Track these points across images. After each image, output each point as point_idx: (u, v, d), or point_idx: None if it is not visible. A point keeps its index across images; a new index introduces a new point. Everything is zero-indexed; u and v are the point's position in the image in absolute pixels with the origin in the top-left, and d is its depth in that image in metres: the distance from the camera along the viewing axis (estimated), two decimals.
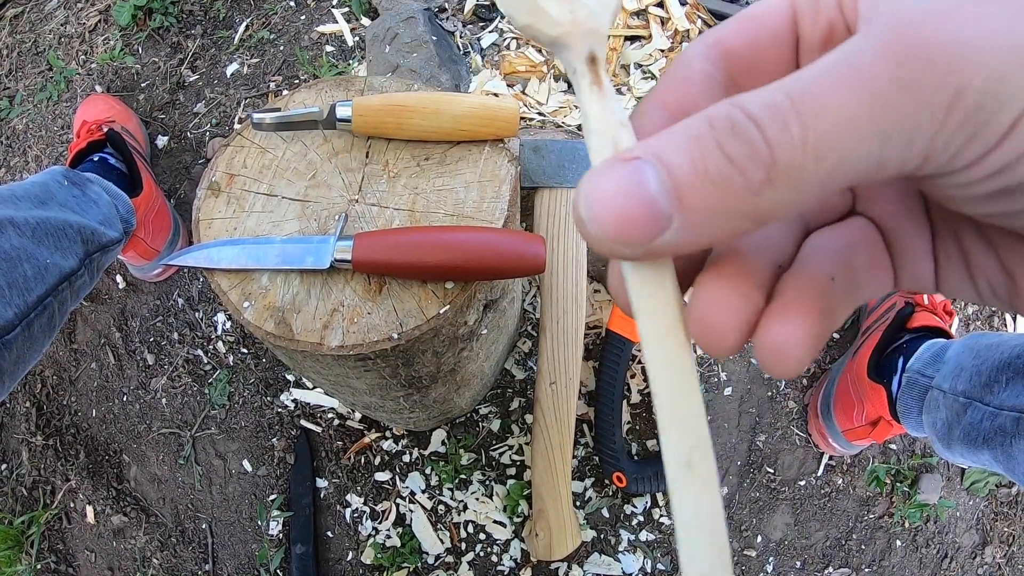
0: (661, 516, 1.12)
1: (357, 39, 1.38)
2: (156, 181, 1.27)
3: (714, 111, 0.17)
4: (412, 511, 1.13)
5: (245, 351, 1.23)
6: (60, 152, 1.39)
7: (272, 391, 1.21)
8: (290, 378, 1.21)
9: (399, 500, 1.14)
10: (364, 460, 1.16)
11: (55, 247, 0.83)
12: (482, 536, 1.12)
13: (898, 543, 1.13)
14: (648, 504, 1.12)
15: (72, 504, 1.21)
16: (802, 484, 1.14)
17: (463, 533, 1.12)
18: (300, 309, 0.63)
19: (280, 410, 1.20)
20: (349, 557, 1.13)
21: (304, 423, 1.18)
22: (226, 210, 0.68)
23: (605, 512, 1.12)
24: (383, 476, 1.15)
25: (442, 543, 1.11)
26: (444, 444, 1.15)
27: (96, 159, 1.13)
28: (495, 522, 1.12)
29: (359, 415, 1.18)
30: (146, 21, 1.46)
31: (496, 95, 1.13)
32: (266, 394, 1.21)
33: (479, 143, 0.70)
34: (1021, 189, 0.17)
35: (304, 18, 1.42)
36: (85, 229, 0.90)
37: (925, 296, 1.04)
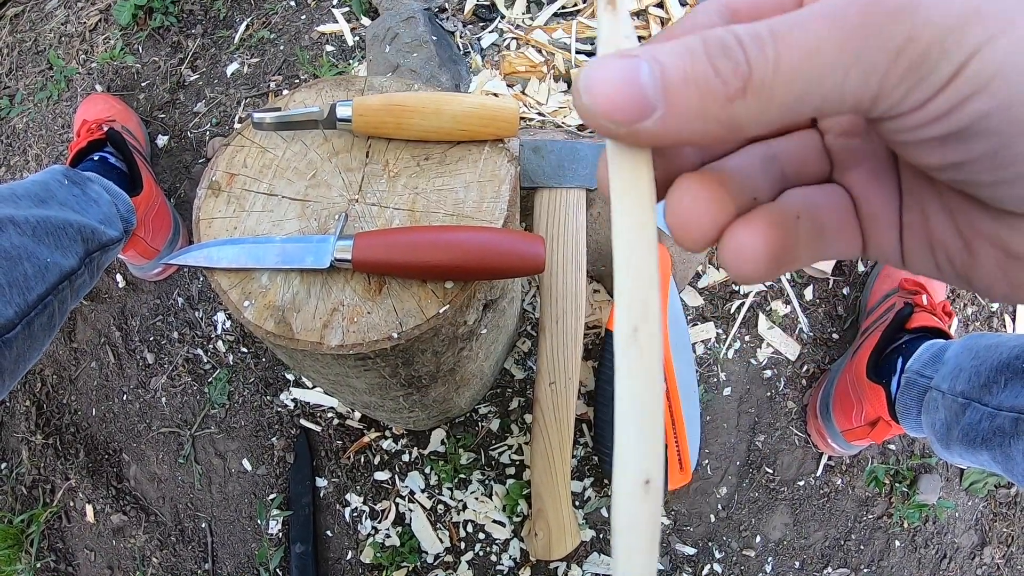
0: (660, 516, 1.12)
1: (357, 39, 1.38)
2: (156, 180, 1.27)
3: (709, 32, 0.20)
4: (411, 510, 1.13)
5: (245, 350, 1.23)
6: (60, 151, 1.39)
7: (272, 390, 1.21)
8: (290, 377, 1.21)
9: (398, 499, 1.14)
10: (364, 459, 1.16)
11: (55, 246, 0.83)
12: (481, 536, 1.12)
13: (897, 543, 1.13)
14: None
15: (72, 503, 1.22)
16: (801, 484, 1.15)
17: (462, 532, 1.12)
18: (300, 308, 0.63)
19: (280, 409, 1.20)
20: (348, 556, 1.13)
21: (304, 422, 1.18)
22: (226, 209, 0.68)
23: (604, 512, 1.12)
24: (382, 475, 1.15)
25: (441, 542, 1.11)
26: (443, 444, 1.15)
27: (96, 158, 1.13)
28: (494, 522, 1.12)
29: (359, 414, 1.18)
30: (146, 20, 1.46)
31: (496, 95, 1.13)
32: (266, 393, 1.21)
33: (479, 143, 0.70)
34: (964, 136, 0.19)
35: (304, 18, 1.42)
36: (85, 228, 0.90)
37: (924, 297, 1.05)
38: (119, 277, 1.29)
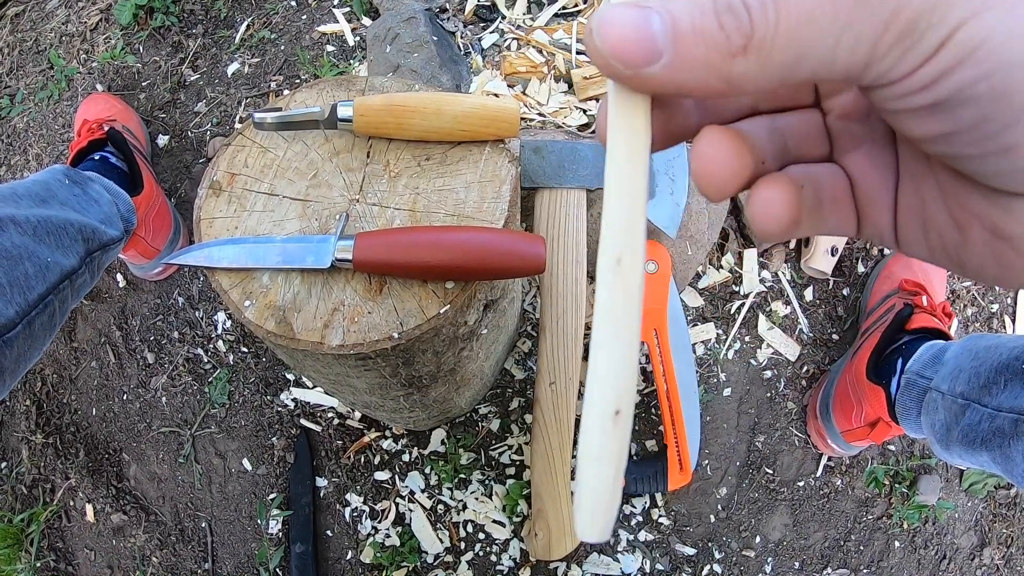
0: (660, 516, 1.12)
1: (358, 39, 1.38)
2: (157, 180, 1.27)
3: None
4: (411, 510, 1.13)
5: (245, 350, 1.23)
6: (61, 151, 1.39)
7: (272, 390, 1.21)
8: (290, 377, 1.21)
9: (398, 499, 1.14)
10: (364, 459, 1.16)
11: (56, 245, 0.83)
12: (481, 536, 1.12)
13: (896, 544, 1.13)
14: (647, 504, 1.13)
15: (72, 502, 1.22)
16: (801, 485, 1.15)
17: (462, 532, 1.12)
18: (301, 308, 0.63)
19: (280, 409, 1.20)
20: (348, 556, 1.13)
21: (304, 422, 1.18)
22: (227, 209, 0.68)
23: None
24: (383, 475, 1.15)
25: (441, 542, 1.12)
26: (444, 444, 1.15)
27: (97, 158, 1.13)
28: (494, 522, 1.12)
29: (359, 414, 1.18)
30: (147, 20, 1.46)
31: (497, 95, 1.13)
32: (266, 393, 1.21)
33: (480, 143, 0.70)
34: (950, 105, 0.20)
35: (305, 18, 1.43)
36: (86, 228, 0.90)
37: (924, 298, 1.05)
38: (119, 277, 1.29)
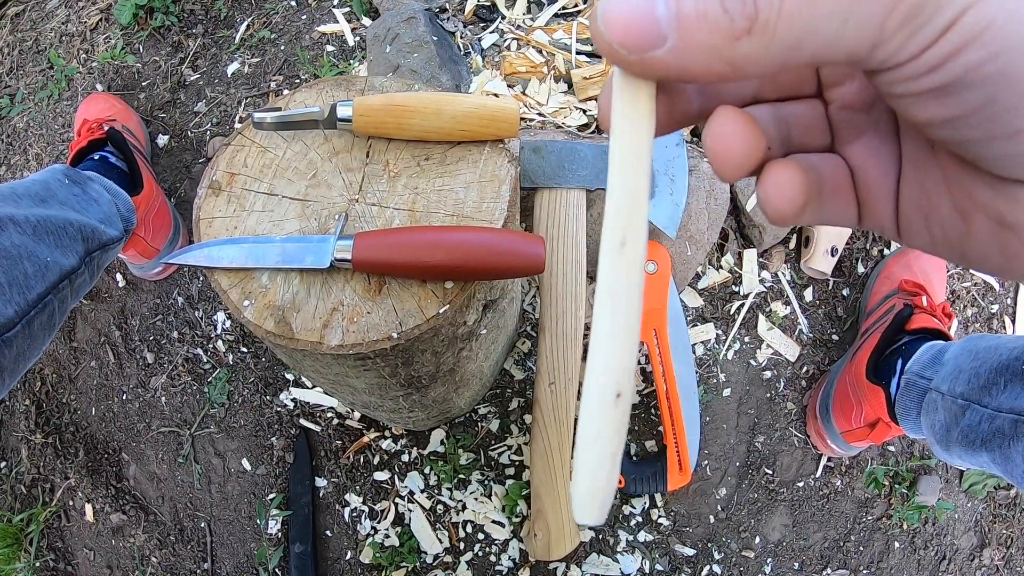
0: (659, 517, 1.12)
1: (358, 39, 1.38)
2: (156, 180, 1.27)
3: None
4: (411, 511, 1.13)
5: (244, 350, 1.23)
6: (61, 150, 1.39)
7: (271, 390, 1.21)
8: (289, 377, 1.21)
9: (398, 499, 1.14)
10: (363, 459, 1.16)
11: (55, 245, 0.83)
12: (481, 536, 1.12)
13: (896, 545, 1.13)
14: (646, 505, 1.13)
15: (71, 502, 1.22)
16: (800, 485, 1.15)
17: (462, 533, 1.12)
18: (300, 308, 0.63)
19: (279, 409, 1.20)
20: (348, 556, 1.13)
21: (303, 422, 1.18)
22: (226, 209, 0.68)
23: None
24: (382, 475, 1.15)
25: (441, 543, 1.12)
26: (443, 444, 1.15)
27: (97, 157, 1.13)
28: (494, 522, 1.12)
29: (358, 414, 1.18)
30: (147, 20, 1.46)
31: (496, 96, 1.13)
32: (265, 393, 1.21)
33: (479, 143, 0.70)
34: (957, 87, 0.20)
35: (305, 18, 1.43)
36: (86, 227, 0.90)
37: (924, 298, 1.05)
38: (119, 276, 1.29)
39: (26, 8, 1.54)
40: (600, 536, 1.11)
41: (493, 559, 1.11)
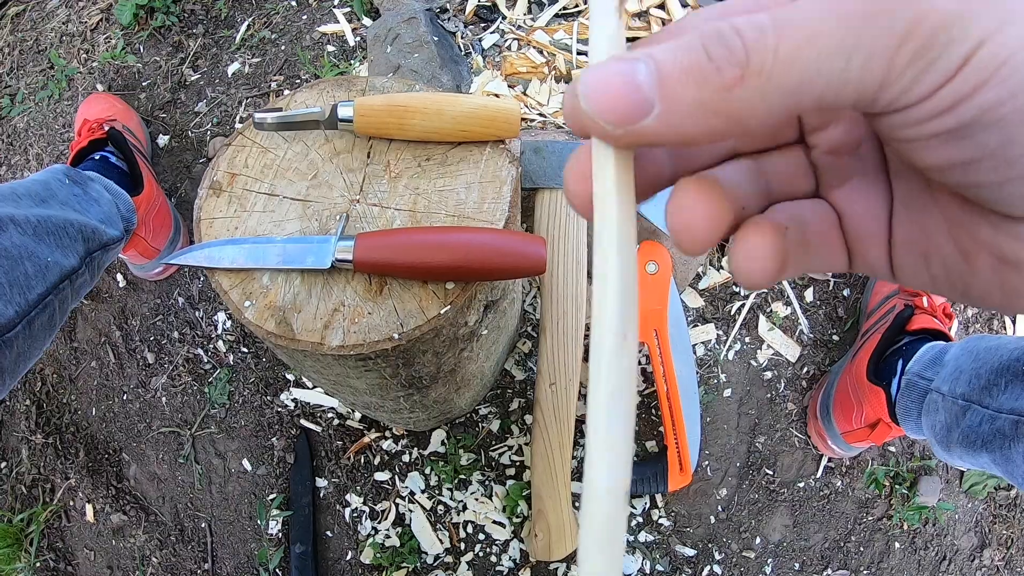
0: (660, 517, 1.12)
1: (358, 39, 1.38)
2: (157, 180, 1.27)
3: (706, 25, 0.20)
4: (411, 511, 1.13)
5: (245, 350, 1.23)
6: (61, 150, 1.39)
7: (272, 390, 1.21)
8: (290, 377, 1.21)
9: (398, 500, 1.14)
10: (364, 460, 1.16)
11: (56, 245, 0.83)
12: (481, 536, 1.12)
13: (897, 545, 1.13)
14: (647, 505, 1.13)
15: (71, 502, 1.22)
16: (801, 486, 1.15)
17: (462, 533, 1.12)
18: (301, 309, 0.63)
19: (280, 409, 1.20)
20: (348, 557, 1.13)
21: (304, 422, 1.18)
22: (227, 209, 0.68)
23: None
24: (382, 476, 1.15)
25: (441, 543, 1.11)
26: (444, 444, 1.15)
27: (97, 157, 1.13)
28: (494, 522, 1.12)
29: (359, 415, 1.18)
30: (148, 20, 1.46)
31: (497, 96, 1.13)
32: (266, 393, 1.21)
33: (480, 144, 0.70)
34: (972, 129, 0.18)
35: (306, 18, 1.42)
36: (86, 227, 0.90)
37: (925, 299, 1.05)
38: (119, 277, 1.29)
39: (26, 8, 1.54)
40: None
41: (494, 559, 1.11)
